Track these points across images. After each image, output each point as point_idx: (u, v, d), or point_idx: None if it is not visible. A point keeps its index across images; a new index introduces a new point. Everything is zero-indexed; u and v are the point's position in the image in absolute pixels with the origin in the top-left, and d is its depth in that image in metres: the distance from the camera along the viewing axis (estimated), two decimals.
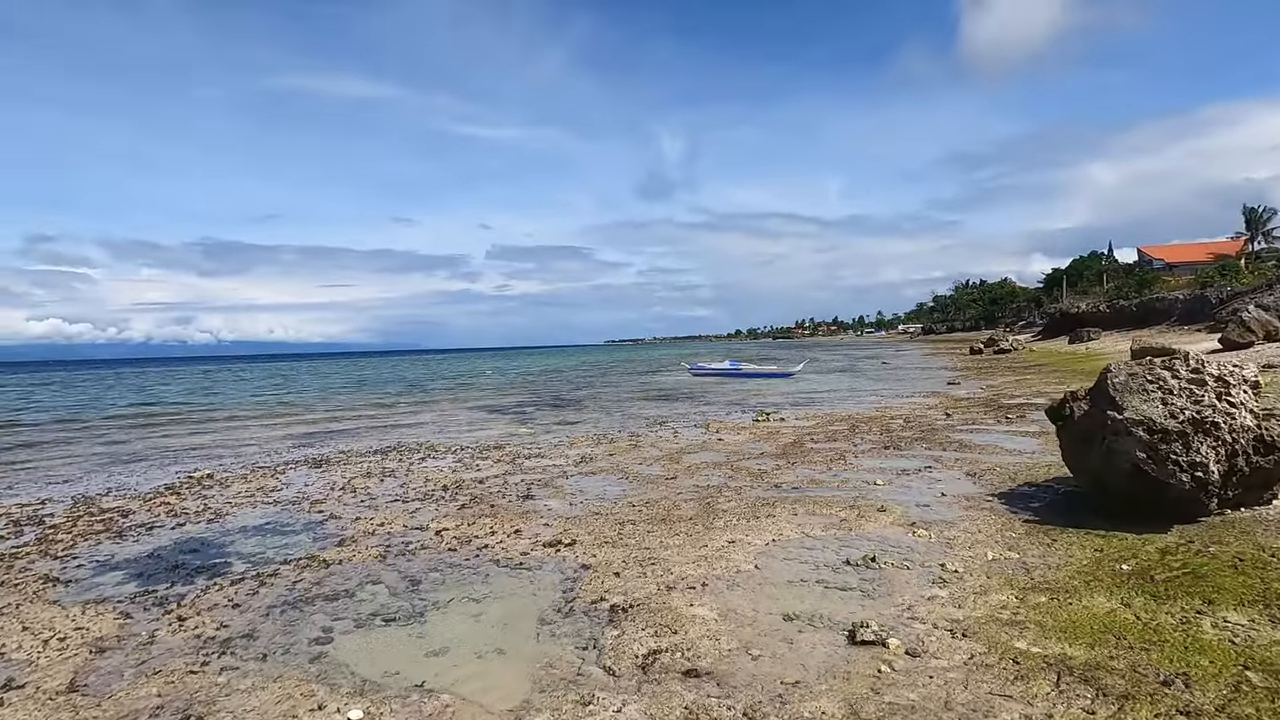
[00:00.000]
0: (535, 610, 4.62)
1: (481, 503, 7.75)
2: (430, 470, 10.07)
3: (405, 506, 7.75)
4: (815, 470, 8.82)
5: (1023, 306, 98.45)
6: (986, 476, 7.94)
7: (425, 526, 6.84)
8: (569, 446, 12.06)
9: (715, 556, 5.46)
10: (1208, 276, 47.82)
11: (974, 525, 5.97)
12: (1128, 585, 4.31)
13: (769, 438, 12.02)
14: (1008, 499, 6.82)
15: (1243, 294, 39.37)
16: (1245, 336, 23.65)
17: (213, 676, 3.79)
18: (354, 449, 12.82)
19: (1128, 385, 5.52)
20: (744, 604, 4.49)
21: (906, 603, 4.36)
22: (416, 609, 4.74)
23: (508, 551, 5.90)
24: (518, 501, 7.76)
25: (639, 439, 12.64)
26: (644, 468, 9.59)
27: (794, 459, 9.67)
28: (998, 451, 9.49)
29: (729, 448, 11.08)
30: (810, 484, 7.99)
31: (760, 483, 8.19)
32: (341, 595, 5.04)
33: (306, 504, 8.09)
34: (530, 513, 7.20)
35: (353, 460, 11.37)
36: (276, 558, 6.04)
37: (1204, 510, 5.29)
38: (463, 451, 11.92)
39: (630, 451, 11.13)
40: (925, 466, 8.72)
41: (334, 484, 9.25)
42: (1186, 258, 72.88)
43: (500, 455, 11.26)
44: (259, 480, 9.79)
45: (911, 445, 10.32)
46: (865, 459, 9.45)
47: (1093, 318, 51.21)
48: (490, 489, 8.51)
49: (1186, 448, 5.10)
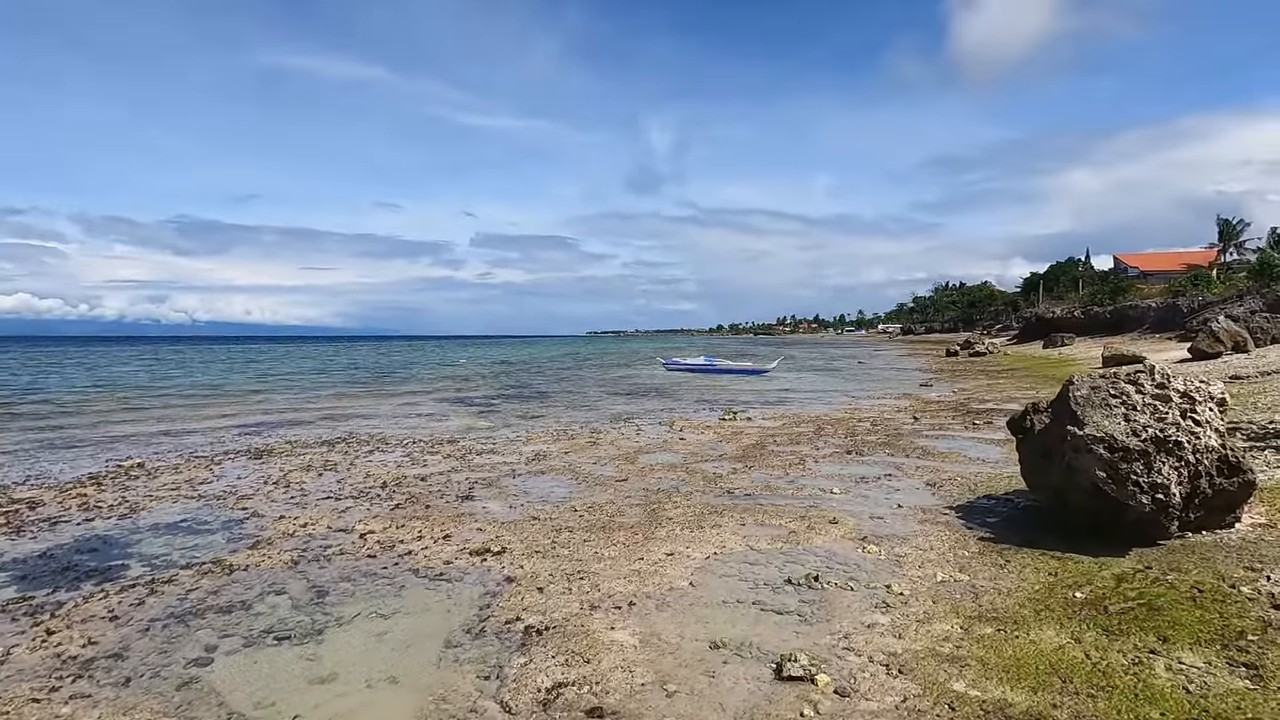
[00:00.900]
0: (444, 630, 4.22)
1: (417, 502, 7.33)
2: (374, 465, 9.61)
3: (336, 505, 7.30)
4: (772, 475, 8.50)
5: (1000, 310, 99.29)
6: (946, 487, 7.66)
7: (350, 528, 6.41)
8: (525, 442, 11.65)
9: (650, 571, 5.10)
10: (1180, 285, 48.37)
11: (927, 541, 5.67)
12: (1080, 616, 4.02)
13: (732, 438, 11.70)
14: (965, 513, 6.54)
15: (1213, 304, 39.83)
16: (1214, 347, 23.76)
17: (56, 707, 3.36)
18: (302, 439, 12.30)
19: (1090, 399, 5.24)
20: (670, 628, 4.13)
21: (844, 630, 4.03)
22: (316, 626, 4.33)
23: (431, 559, 5.49)
24: (455, 502, 7.34)
25: (599, 436, 12.26)
26: (597, 468, 9.21)
27: (752, 462, 9.34)
28: (961, 460, 9.24)
29: (689, 448, 10.73)
30: (764, 491, 7.67)
31: (713, 488, 7.84)
32: (237, 607, 4.61)
33: (232, 499, 7.62)
34: (465, 515, 6.79)
35: (297, 451, 10.86)
36: (180, 561, 5.58)
37: (1164, 533, 5.03)
38: (414, 445, 11.46)
39: (587, 450, 10.74)
40: (885, 474, 8.43)
41: (268, 477, 8.77)
42: (1160, 266, 73.88)
43: (452, 450, 10.82)
44: (190, 471, 9.27)
45: (874, 451, 10.04)
46: (825, 464, 9.15)
47: (1067, 323, 51.64)
48: (431, 487, 8.08)
49: (1148, 468, 4.83)
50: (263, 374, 34.07)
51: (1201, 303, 41.71)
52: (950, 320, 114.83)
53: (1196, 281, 47.73)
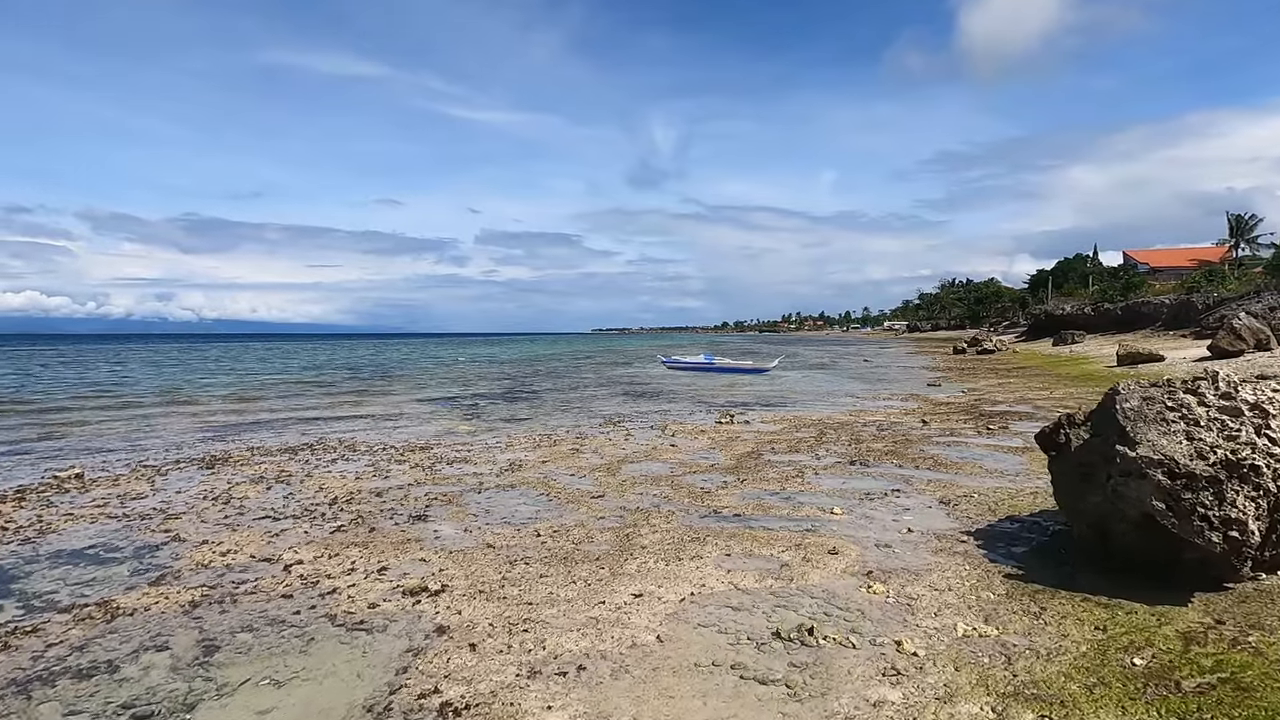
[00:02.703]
0: (342, 705, 3.38)
1: (363, 524, 6.48)
2: (332, 476, 8.78)
3: (270, 527, 6.46)
4: (767, 490, 7.62)
5: (1007, 307, 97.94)
6: (962, 506, 6.78)
7: (276, 557, 5.57)
8: (504, 449, 10.80)
9: (611, 620, 4.24)
10: (1194, 282, 47.15)
11: (943, 578, 4.80)
12: (1145, 697, 3.14)
13: (726, 445, 10.82)
14: (986, 539, 5.66)
15: (1229, 300, 38.66)
16: (1236, 344, 22.77)
17: None
18: (266, 445, 11.48)
19: (1142, 412, 4.35)
20: (622, 706, 3.27)
21: (843, 713, 3.17)
22: (189, 698, 3.48)
23: (355, 601, 4.65)
24: (406, 524, 6.49)
25: (584, 442, 11.40)
26: (574, 480, 8.36)
27: (746, 475, 8.47)
28: (977, 472, 8.35)
29: (678, 456, 9.87)
30: (756, 510, 6.79)
31: (699, 506, 6.98)
32: (101, 669, 3.77)
33: (159, 519, 6.78)
34: (412, 541, 5.94)
35: (254, 460, 10.04)
36: (63, 600, 4.75)
37: (1233, 574, 4.15)
38: (384, 452, 10.63)
39: (568, 458, 9.89)
40: (893, 489, 7.55)
41: (210, 492, 7.94)
42: (1170, 262, 72.56)
43: (422, 459, 9.97)
44: (129, 484, 8.45)
45: (880, 461, 9.16)
46: (826, 477, 8.28)
47: (1077, 320, 50.48)
48: (384, 504, 7.24)
49: (1219, 498, 3.94)
50: (253, 372, 33.31)
51: (1217, 299, 40.55)
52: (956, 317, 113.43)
53: (1211, 277, 46.56)
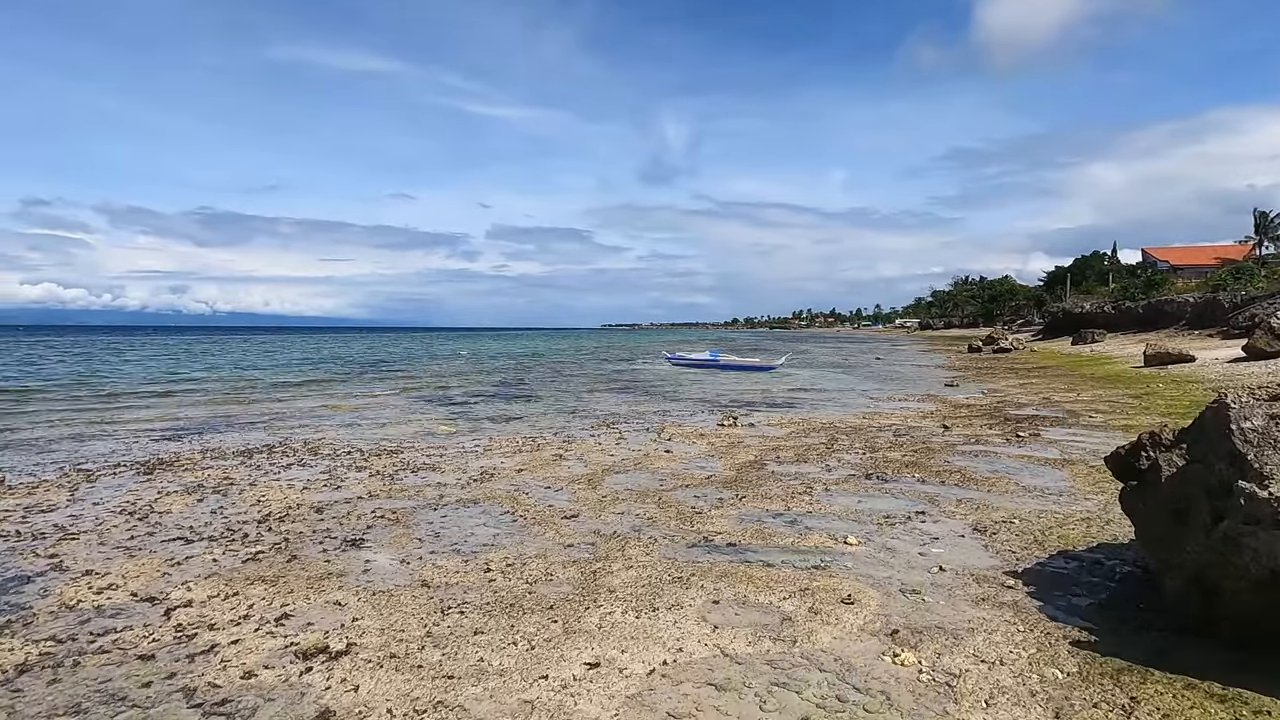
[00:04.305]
0: None
1: (284, 550, 5.44)
2: (278, 486, 7.76)
3: (178, 552, 5.44)
4: (768, 511, 6.53)
5: (1022, 305, 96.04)
6: (1002, 535, 5.67)
7: (163, 596, 4.54)
8: (480, 454, 9.76)
9: (551, 707, 3.17)
10: (1221, 279, 45.49)
11: (991, 643, 3.70)
12: None
13: (726, 452, 9.73)
14: (1037, 585, 4.55)
15: (1259, 299, 37.09)
16: (1275, 345, 21.34)
17: None
18: (224, 446, 10.49)
19: (1272, 437, 3.23)
20: None
21: None
22: None
23: (231, 666, 3.60)
24: (336, 551, 5.44)
25: (570, 446, 10.34)
26: (548, 494, 7.30)
27: (745, 490, 7.38)
28: (1012, 489, 7.22)
29: (672, 466, 8.79)
30: (755, 538, 5.70)
31: (687, 531, 5.89)
32: None
33: (53, 539, 5.78)
34: (334, 576, 4.90)
35: (201, 464, 9.04)
36: None
37: None
38: (348, 456, 9.62)
39: (548, 466, 8.83)
40: (916, 511, 6.45)
41: (131, 504, 6.94)
42: (1192, 260, 70.59)
43: (385, 465, 8.94)
44: (46, 492, 7.47)
45: (900, 474, 8.04)
46: (838, 494, 7.17)
47: (1097, 318, 48.89)
48: (321, 524, 6.20)
49: None
50: (251, 366, 32.48)
51: (1245, 298, 38.96)
52: (970, 315, 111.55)
53: (1239, 275, 44.87)
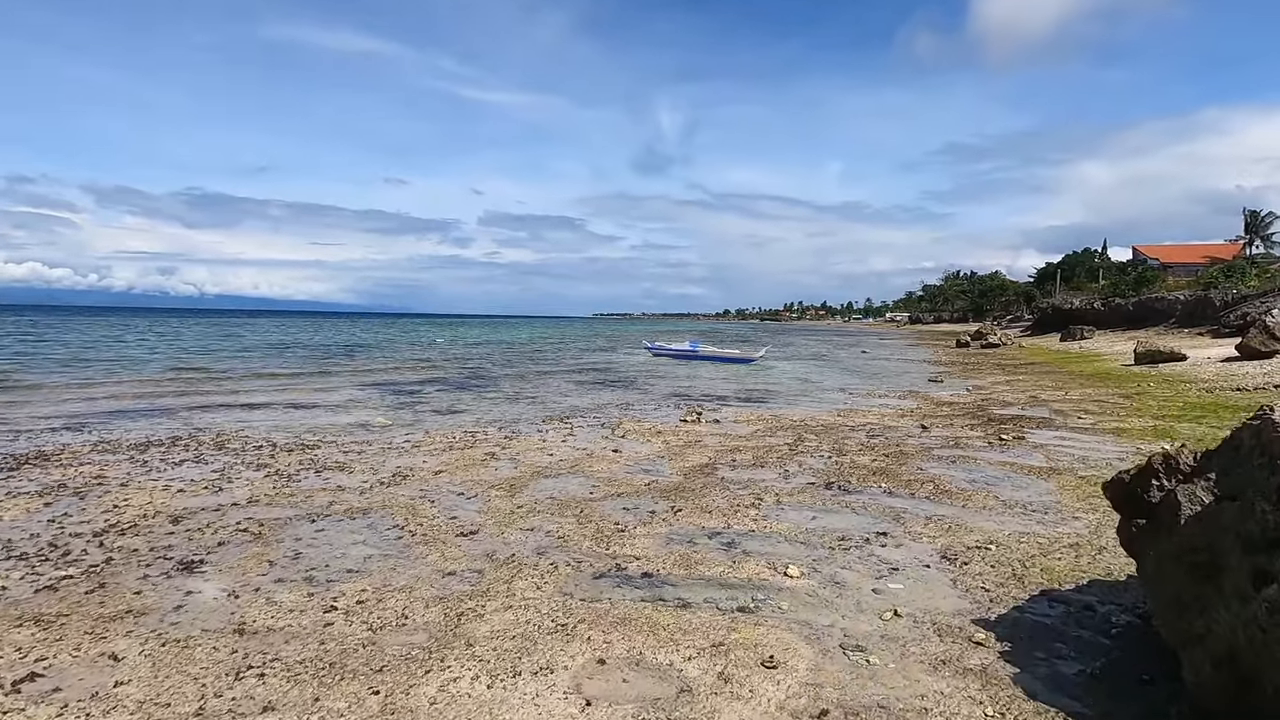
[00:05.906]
0: None
1: (95, 576, 4.42)
2: (149, 489, 6.71)
3: None
4: (704, 528, 5.56)
5: (1012, 300, 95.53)
6: (975, 565, 4.72)
7: None
8: (405, 451, 8.74)
9: None
10: (1212, 278, 44.92)
11: None
12: None
13: (680, 452, 8.77)
14: (1014, 638, 3.60)
15: (1251, 298, 36.51)
16: (1269, 345, 20.56)
17: None
18: (121, 438, 9.41)
19: None
20: None
21: None
22: None
23: None
24: (157, 578, 4.42)
25: (509, 443, 9.34)
26: (458, 502, 6.30)
27: (686, 500, 6.40)
28: (992, 505, 6.28)
29: (612, 469, 7.81)
30: (679, 566, 4.72)
31: (598, 555, 4.91)
32: None
33: None
34: (132, 614, 3.88)
35: (78, 459, 7.97)
36: None
37: None
38: (255, 451, 8.57)
39: (473, 467, 7.83)
40: (877, 531, 5.49)
41: None
42: (1182, 258, 70.14)
43: (290, 463, 7.92)
44: None
45: (865, 483, 7.08)
46: (790, 506, 6.21)
47: (1086, 315, 48.28)
48: (165, 540, 5.17)
49: None
50: (213, 350, 31.23)
51: (1236, 296, 38.38)
52: (960, 310, 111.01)
53: (1230, 273, 44.30)
